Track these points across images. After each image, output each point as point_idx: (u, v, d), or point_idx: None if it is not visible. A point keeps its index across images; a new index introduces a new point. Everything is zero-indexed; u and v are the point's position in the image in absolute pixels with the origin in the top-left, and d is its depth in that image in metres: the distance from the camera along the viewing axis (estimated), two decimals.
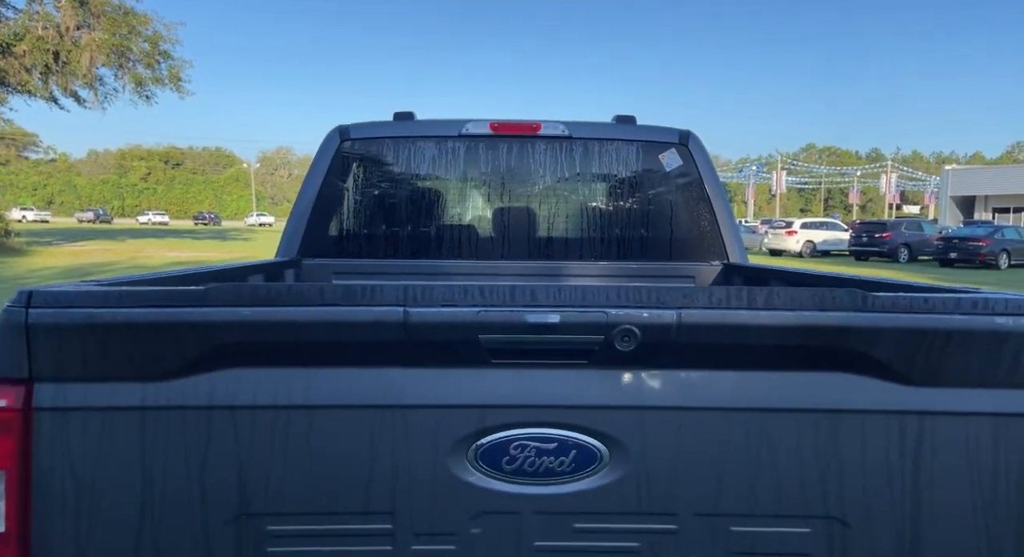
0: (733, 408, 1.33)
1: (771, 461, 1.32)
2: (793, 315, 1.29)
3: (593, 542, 1.32)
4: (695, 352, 1.31)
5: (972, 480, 1.31)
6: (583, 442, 1.31)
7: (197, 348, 1.25)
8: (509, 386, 1.31)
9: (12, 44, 23.78)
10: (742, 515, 1.32)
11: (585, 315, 1.27)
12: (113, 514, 1.26)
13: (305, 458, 1.28)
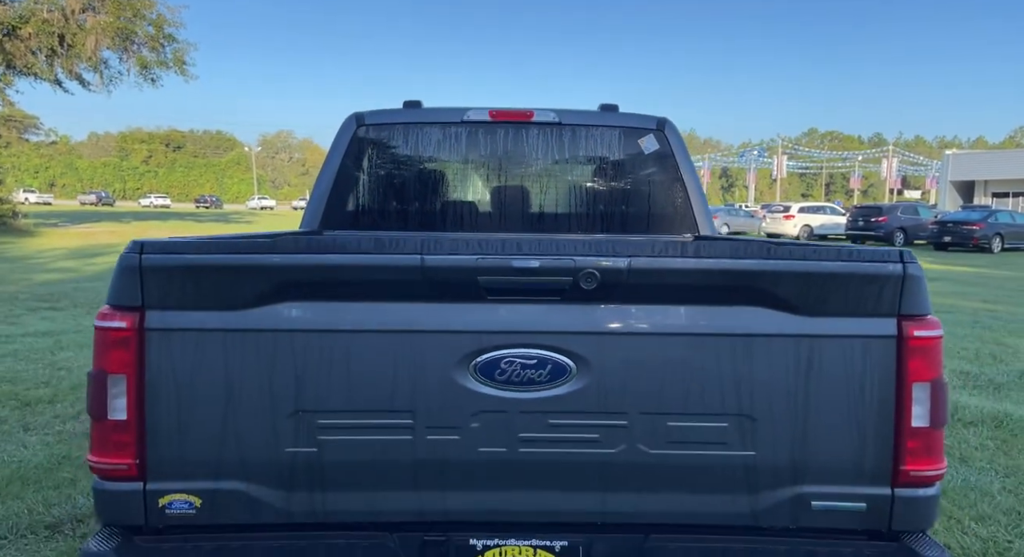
0: (671, 333, 1.73)
1: (698, 373, 1.73)
2: (714, 262, 1.69)
3: (563, 434, 1.73)
4: (642, 290, 1.72)
5: (846, 384, 1.72)
6: (556, 359, 1.72)
7: (265, 285, 1.66)
8: (500, 316, 1.72)
9: (18, 27, 24.06)
10: (676, 413, 1.73)
11: (558, 261, 1.67)
12: (204, 409, 1.68)
13: (345, 369, 1.69)
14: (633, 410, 1.73)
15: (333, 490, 1.72)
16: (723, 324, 1.73)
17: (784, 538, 1.79)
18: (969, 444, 4.92)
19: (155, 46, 25.14)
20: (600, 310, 1.72)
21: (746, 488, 1.76)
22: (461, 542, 1.77)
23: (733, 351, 1.72)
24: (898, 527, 1.79)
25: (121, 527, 1.72)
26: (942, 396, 1.76)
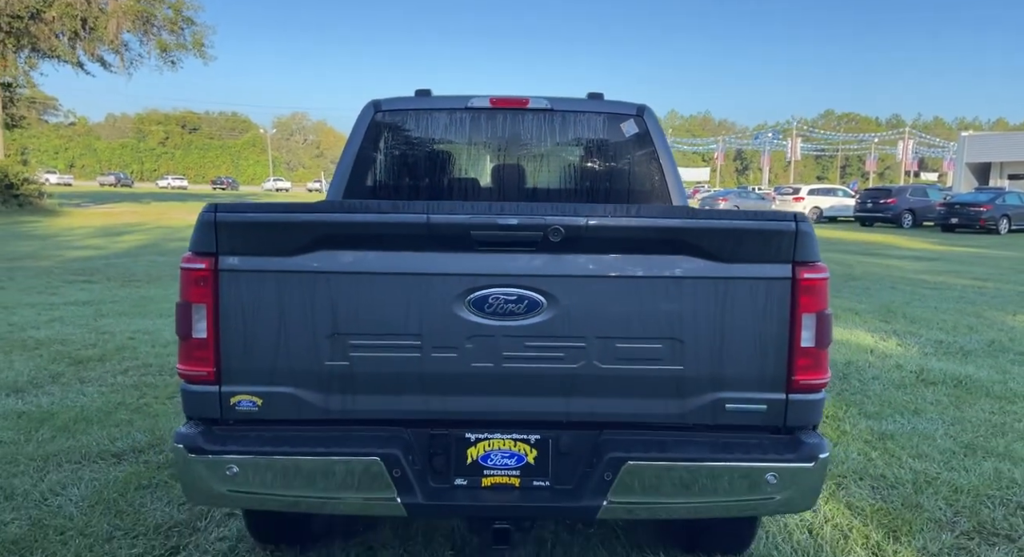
0: (619, 276, 2.25)
1: (640, 306, 2.25)
2: (650, 220, 2.21)
3: (536, 353, 2.26)
4: (597, 242, 2.23)
5: (752, 314, 2.24)
6: (531, 296, 2.24)
7: (307, 237, 2.19)
8: (488, 262, 2.24)
9: (42, 10, 24.63)
10: (623, 337, 2.25)
11: (532, 219, 2.19)
12: (263, 331, 2.22)
13: (369, 303, 2.22)
14: (590, 335, 2.26)
15: (361, 394, 2.26)
16: (659, 269, 2.25)
17: (706, 433, 2.32)
18: (926, 400, 5.43)
19: (174, 29, 25.71)
20: (565, 258, 2.25)
21: (677, 394, 2.29)
22: (459, 435, 2.31)
23: (667, 290, 2.25)
24: (791, 424, 2.32)
25: (201, 420, 2.27)
26: (826, 324, 2.28)
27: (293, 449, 2.20)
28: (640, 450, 2.26)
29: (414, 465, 2.25)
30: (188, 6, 25.67)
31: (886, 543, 3.28)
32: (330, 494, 2.22)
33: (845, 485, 3.89)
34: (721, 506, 2.31)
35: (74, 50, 26.72)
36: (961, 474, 4.05)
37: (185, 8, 25.57)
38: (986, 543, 3.31)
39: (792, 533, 3.36)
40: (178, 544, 3.07)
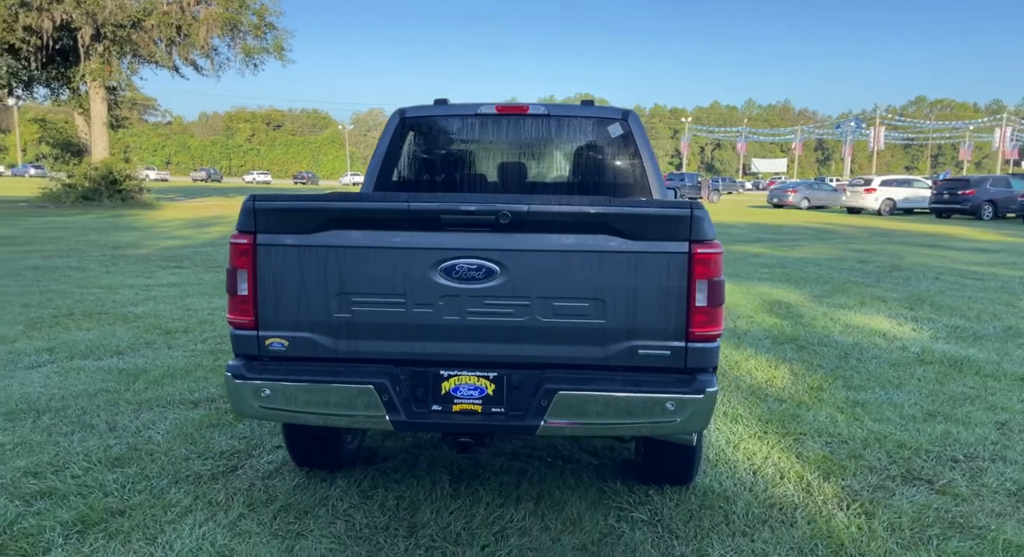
0: (556, 250, 2.94)
1: (572, 274, 2.93)
2: (578, 208, 2.89)
3: (492, 310, 2.97)
4: (537, 224, 2.92)
5: (658, 281, 2.89)
6: (488, 265, 2.95)
7: (321, 220, 2.96)
8: (455, 239, 2.96)
9: (143, 19, 26.56)
10: (558, 297, 2.94)
11: (486, 206, 2.90)
12: (289, 290, 3.00)
13: (367, 269, 2.98)
14: (533, 295, 2.96)
15: (360, 339, 3.02)
16: (587, 245, 2.93)
17: (623, 372, 2.99)
18: (913, 376, 5.89)
19: (258, 34, 27.32)
20: (514, 236, 2.94)
21: (600, 342, 2.97)
22: (435, 372, 3.04)
23: (592, 261, 2.92)
24: (691, 366, 2.96)
25: (244, 356, 3.08)
26: (717, 288, 2.92)
27: (310, 378, 2.98)
28: (569, 383, 2.95)
29: (400, 393, 3.00)
30: (270, 12, 27.27)
31: (816, 482, 3.87)
32: (337, 411, 2.99)
33: (803, 441, 4.46)
34: (633, 426, 2.98)
35: (170, 55, 28.69)
36: (912, 434, 4.56)
37: (268, 14, 27.20)
38: (907, 484, 3.87)
39: (736, 470, 3.99)
40: (236, 464, 3.92)
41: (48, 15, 25.40)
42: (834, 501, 3.66)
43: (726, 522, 3.43)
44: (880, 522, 3.45)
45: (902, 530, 3.38)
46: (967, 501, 3.69)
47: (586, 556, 3.11)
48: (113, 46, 26.56)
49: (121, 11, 25.55)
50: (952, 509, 3.59)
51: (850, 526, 3.40)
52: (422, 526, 3.30)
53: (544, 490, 3.71)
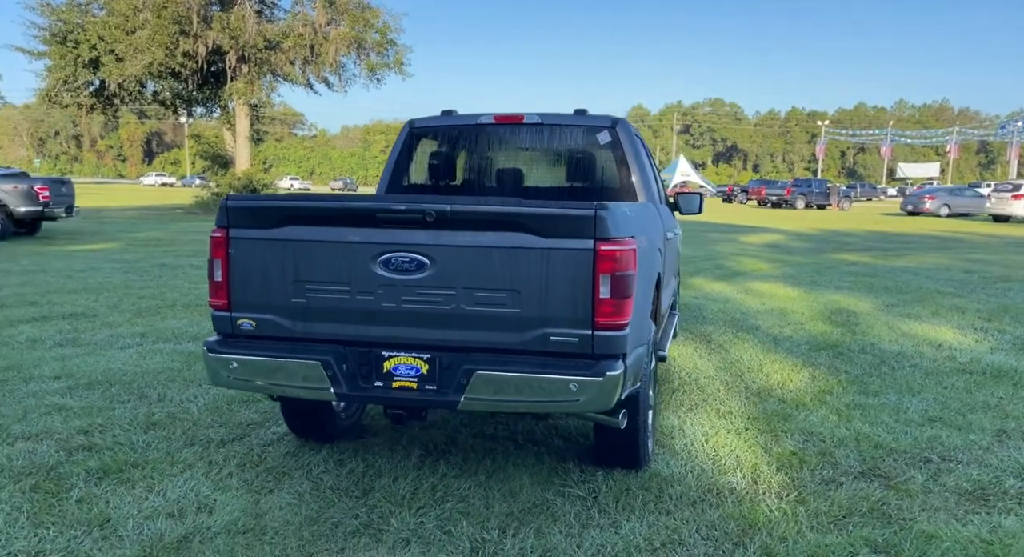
0: (477, 246, 3.30)
1: (491, 267, 3.27)
2: (493, 208, 3.25)
3: (424, 298, 3.36)
4: (459, 222, 3.30)
5: (567, 274, 3.18)
6: (419, 259, 3.35)
7: (280, 217, 3.46)
8: (391, 235, 3.38)
9: (280, 41, 28.71)
10: (480, 288, 3.29)
11: (413, 206, 3.31)
12: (255, 277, 3.52)
13: (318, 260, 3.45)
14: (458, 286, 3.33)
15: (314, 322, 3.49)
16: (504, 241, 3.27)
17: (538, 355, 3.30)
18: (940, 384, 5.76)
19: (380, 51, 28.90)
20: (440, 233, 3.33)
21: (517, 329, 3.30)
22: (378, 353, 3.47)
23: (509, 256, 3.26)
24: (597, 352, 3.24)
25: (221, 333, 3.62)
26: (620, 282, 3.18)
27: (270, 354, 3.49)
28: (485, 364, 3.31)
29: (345, 369, 3.44)
30: (392, 30, 28.80)
31: (768, 473, 4.01)
32: (290, 383, 3.48)
33: (779, 438, 4.57)
34: (541, 404, 3.30)
35: (304, 73, 30.80)
36: (897, 436, 4.56)
37: (389, 31, 28.72)
38: (861, 479, 3.94)
39: (695, 459, 4.18)
40: (246, 433, 4.51)
41: (202, 41, 27.92)
42: (775, 490, 3.80)
43: (656, 501, 3.66)
44: (807, 509, 3.58)
45: (824, 516, 3.50)
46: (912, 496, 3.73)
47: (510, 521, 3.44)
48: (254, 67, 28.84)
49: (261, 35, 27.74)
50: (891, 502, 3.66)
51: (773, 510, 3.55)
52: (376, 489, 3.74)
53: (500, 466, 4.06)
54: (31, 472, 3.87)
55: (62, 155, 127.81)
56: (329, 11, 28.42)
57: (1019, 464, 4.14)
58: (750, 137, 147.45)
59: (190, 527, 3.30)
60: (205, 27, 27.68)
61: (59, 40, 28.25)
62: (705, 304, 9.38)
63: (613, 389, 3.26)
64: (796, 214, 39.32)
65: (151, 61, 27.28)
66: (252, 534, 3.26)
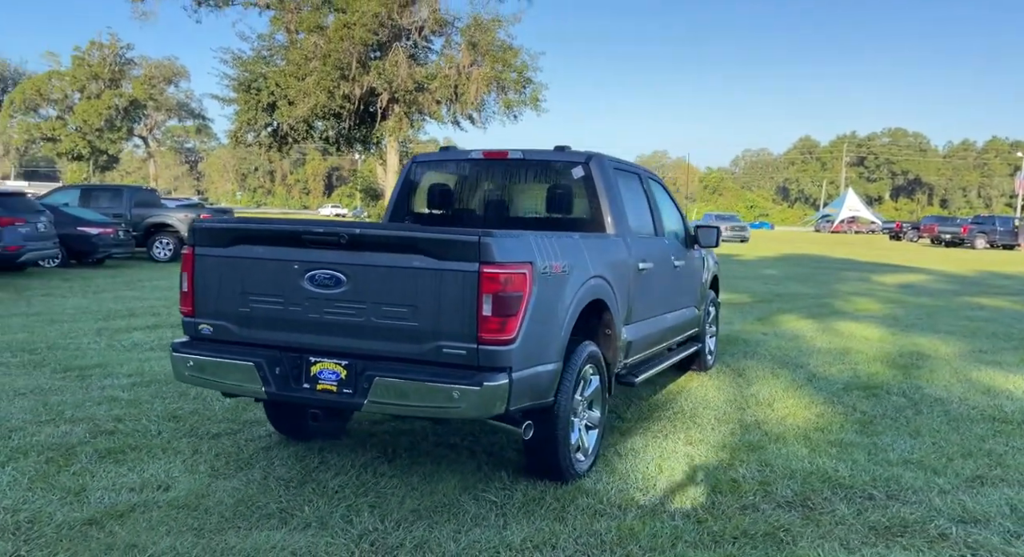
0: (383, 265, 3.71)
1: (395, 284, 3.66)
2: (398, 232, 3.65)
3: (342, 311, 3.80)
4: (368, 245, 3.72)
5: (456, 292, 3.52)
6: (338, 275, 3.80)
7: (231, 237, 4.03)
8: (315, 255, 3.85)
9: (428, 83, 30.61)
10: (386, 303, 3.69)
11: (330, 229, 3.77)
12: (213, 288, 4.10)
13: (259, 275, 3.97)
14: (368, 301, 3.75)
15: (256, 329, 4.01)
16: (405, 262, 3.66)
17: (433, 366, 3.64)
18: (957, 430, 5.47)
19: (518, 89, 30.06)
20: (354, 253, 3.77)
21: (416, 341, 3.66)
22: (307, 358, 3.93)
23: (409, 275, 3.64)
24: (481, 364, 3.54)
25: (188, 336, 4.22)
26: (502, 301, 3.49)
27: (216, 355, 4.04)
28: (385, 371, 3.68)
29: (277, 371, 3.93)
30: (530, 68, 29.95)
31: (692, 495, 4.09)
32: (231, 381, 4.01)
33: (732, 467, 4.57)
34: (431, 409, 3.63)
35: (451, 112, 32.56)
36: (855, 474, 4.47)
37: (527, 70, 29.87)
38: (781, 508, 3.96)
39: (631, 475, 4.31)
40: (243, 428, 5.10)
41: (359, 84, 30.34)
42: (684, 510, 3.90)
43: (559, 510, 3.87)
44: (700, 528, 3.68)
45: (710, 535, 3.60)
46: (819, 526, 3.73)
47: (412, 516, 3.76)
48: (404, 107, 30.87)
49: (410, 78, 29.71)
50: (793, 529, 3.69)
51: (665, 526, 3.67)
52: (312, 482, 4.19)
53: (437, 471, 4.39)
54: (53, 448, 4.63)
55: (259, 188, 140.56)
56: (472, 53, 29.96)
57: (963, 509, 3.95)
58: (937, 170, 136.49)
59: (142, 500, 3.89)
60: (363, 72, 30.01)
61: (244, 88, 31.62)
62: (768, 340, 9.17)
63: (492, 399, 3.54)
64: (971, 255, 35.86)
65: (315, 104, 29.91)
66: (187, 510, 3.79)
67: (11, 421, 5.14)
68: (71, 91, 70.58)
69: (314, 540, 3.48)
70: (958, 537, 3.62)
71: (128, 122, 76.22)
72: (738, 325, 10.34)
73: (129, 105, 73.99)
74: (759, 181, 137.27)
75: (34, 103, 69.16)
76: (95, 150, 70.15)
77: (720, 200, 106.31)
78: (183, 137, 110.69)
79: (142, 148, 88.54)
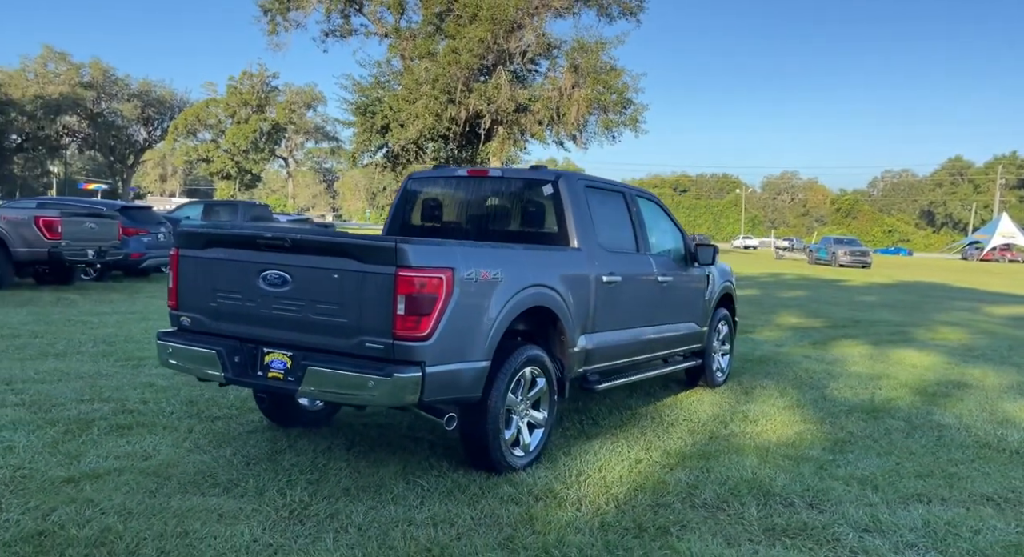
0: (319, 267, 4.16)
1: (328, 284, 4.11)
2: (331, 238, 4.11)
3: (288, 307, 4.27)
4: (307, 248, 4.19)
5: (374, 292, 3.95)
6: (284, 275, 4.28)
7: (204, 241, 4.60)
8: (268, 257, 4.35)
9: (530, 105, 31.34)
10: (321, 301, 4.14)
11: (276, 234, 4.27)
12: (191, 285, 4.68)
13: (225, 274, 4.51)
14: (306, 298, 4.21)
15: (222, 321, 4.54)
16: (336, 264, 4.10)
17: (358, 358, 4.04)
18: (933, 454, 5.35)
19: (618, 110, 30.24)
20: (296, 256, 4.24)
21: (344, 335, 4.09)
22: (261, 349, 4.42)
23: (339, 276, 4.08)
24: (397, 358, 3.92)
25: (174, 326, 4.82)
26: (415, 302, 3.87)
27: (187, 343, 4.61)
28: (315, 362, 4.12)
29: (235, 359, 4.44)
30: (632, 89, 30.12)
31: (615, 491, 4.30)
32: (197, 366, 4.56)
33: (671, 472, 4.72)
34: (351, 396, 4.05)
35: (553, 132, 33.11)
36: (791, 484, 4.56)
37: (627, 91, 30.03)
38: (692, 508, 4.13)
39: (567, 472, 4.57)
40: (241, 413, 5.68)
41: (464, 107, 31.44)
42: (590, 501, 4.13)
43: (476, 495, 4.20)
44: (596, 518, 3.92)
45: (598, 524, 3.83)
46: (715, 522, 3.92)
47: (340, 493, 4.18)
48: (506, 128, 31.70)
49: (512, 100, 30.52)
50: (687, 523, 3.92)
51: (558, 513, 3.92)
52: (269, 461, 4.67)
53: (389, 457, 4.79)
54: (77, 421, 5.35)
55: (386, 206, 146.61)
56: (574, 75, 30.43)
57: (873, 520, 4.00)
58: None
59: (121, 466, 4.49)
60: (468, 95, 31.09)
61: (361, 112, 33.45)
62: (803, 362, 9.02)
63: (403, 389, 3.91)
64: None
65: (423, 126, 31.24)
66: (152, 476, 4.35)
67: (58, 398, 5.93)
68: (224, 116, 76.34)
69: (243, 506, 3.94)
70: (849, 542, 3.69)
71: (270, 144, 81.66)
72: (786, 347, 10.17)
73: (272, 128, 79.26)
74: (900, 204, 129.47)
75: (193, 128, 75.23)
76: (241, 170, 75.47)
77: (853, 224, 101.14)
78: (321, 158, 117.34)
79: (284, 168, 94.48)
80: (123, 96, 66.75)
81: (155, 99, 70.18)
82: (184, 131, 74.72)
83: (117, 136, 67.75)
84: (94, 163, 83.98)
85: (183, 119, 70.75)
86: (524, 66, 32.11)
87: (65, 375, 6.74)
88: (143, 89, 68.31)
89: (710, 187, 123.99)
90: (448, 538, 3.65)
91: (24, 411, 5.53)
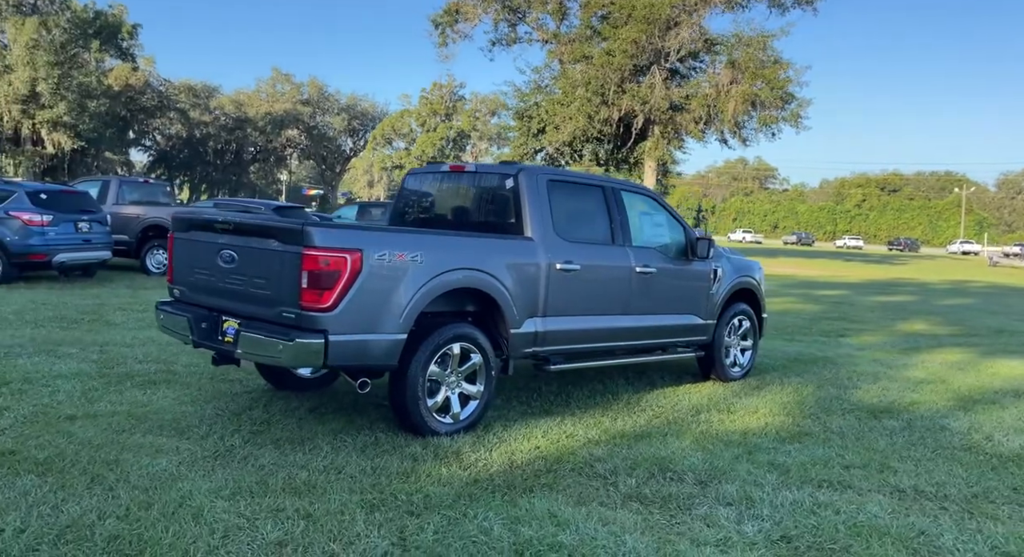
0: (258, 248, 4.75)
1: (260, 261, 4.71)
2: (260, 222, 4.72)
3: (236, 281, 4.91)
4: (249, 231, 4.81)
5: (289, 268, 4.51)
6: (233, 254, 4.93)
7: (188, 224, 5.36)
8: (224, 238, 5.01)
9: (685, 103, 30.83)
10: (255, 275, 4.74)
11: (224, 217, 4.94)
12: (183, 265, 5.46)
13: (199, 252, 5.23)
14: (248, 273, 4.83)
15: (197, 293, 5.27)
16: (265, 244, 4.68)
17: (277, 325, 4.59)
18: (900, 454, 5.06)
19: (777, 105, 28.90)
20: (240, 237, 4.87)
21: (269, 305, 4.66)
22: (221, 317, 5.08)
23: (267, 254, 4.65)
24: (304, 326, 4.44)
25: (171, 297, 5.63)
26: (317, 277, 4.36)
27: (172, 310, 5.38)
28: (245, 328, 4.73)
29: (203, 326, 5.15)
30: (793, 83, 28.71)
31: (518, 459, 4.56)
32: (175, 331, 5.33)
33: (588, 448, 4.87)
34: (269, 357, 4.63)
35: (711, 130, 32.32)
36: (702, 464, 4.60)
37: (788, 86, 28.62)
38: (581, 475, 4.29)
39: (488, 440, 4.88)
40: (252, 377, 6.44)
41: (616, 108, 31.55)
42: (478, 465, 4.41)
43: (386, 452, 4.63)
44: (465, 473, 4.20)
45: (469, 482, 4.11)
46: (579, 487, 4.10)
47: (271, 443, 4.75)
48: (661, 127, 31.39)
49: (666, 99, 30.20)
50: (552, 485, 4.15)
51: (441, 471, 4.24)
52: (239, 416, 5.35)
53: (337, 420, 5.31)
54: (121, 376, 6.34)
55: None
56: (732, 71, 29.55)
57: (744, 496, 4.08)
58: None
59: (118, 410, 5.35)
60: (621, 95, 31.16)
61: (520, 116, 34.55)
62: (864, 365, 8.56)
63: (306, 353, 4.44)
64: None
65: (575, 127, 31.72)
66: (133, 418, 5.15)
67: (125, 359, 7.03)
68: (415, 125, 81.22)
69: (180, 445, 4.63)
70: (698, 512, 3.75)
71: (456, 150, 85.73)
72: (867, 351, 9.65)
73: (457, 135, 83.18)
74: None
75: (389, 137, 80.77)
76: None
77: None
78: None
79: None
80: (334, 110, 73.39)
81: (359, 112, 76.20)
82: (381, 140, 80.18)
83: (327, 146, 74.49)
84: (313, 171, 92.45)
85: (380, 129, 76.02)
86: (682, 64, 31.63)
87: (146, 342, 7.90)
88: (350, 103, 74.47)
89: (928, 186, 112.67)
90: (324, 481, 4.10)
91: (90, 365, 6.65)
